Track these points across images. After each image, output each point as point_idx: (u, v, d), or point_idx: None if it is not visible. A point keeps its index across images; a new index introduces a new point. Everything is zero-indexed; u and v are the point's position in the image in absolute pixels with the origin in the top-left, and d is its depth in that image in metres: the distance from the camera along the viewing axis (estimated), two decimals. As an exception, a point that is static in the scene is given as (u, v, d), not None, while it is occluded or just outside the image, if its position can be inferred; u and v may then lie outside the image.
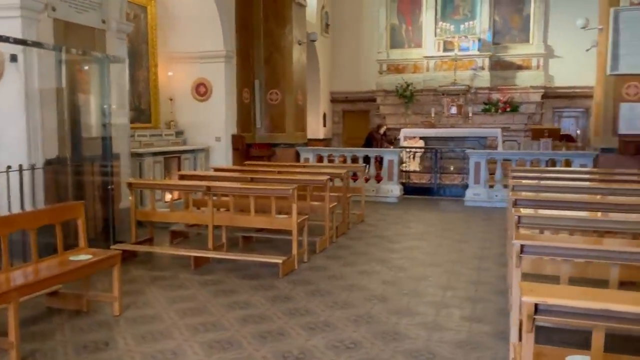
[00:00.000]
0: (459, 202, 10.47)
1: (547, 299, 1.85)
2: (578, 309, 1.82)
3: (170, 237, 6.91)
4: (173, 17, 10.12)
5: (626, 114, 9.25)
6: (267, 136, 11.63)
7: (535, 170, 8.23)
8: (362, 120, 16.75)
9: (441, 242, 7.03)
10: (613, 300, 1.82)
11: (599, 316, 1.82)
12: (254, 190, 5.72)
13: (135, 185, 6.26)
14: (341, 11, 16.37)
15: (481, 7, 15.02)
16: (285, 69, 11.39)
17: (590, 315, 1.83)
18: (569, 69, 14.40)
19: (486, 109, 14.62)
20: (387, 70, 16.08)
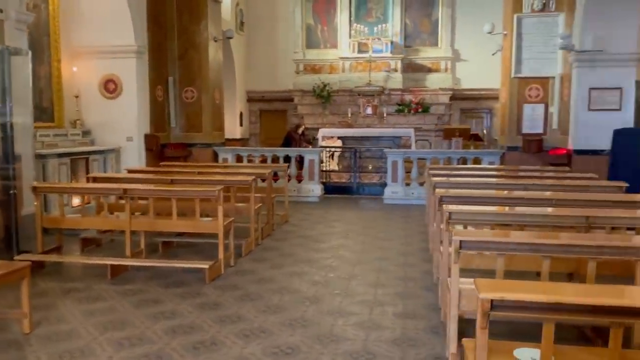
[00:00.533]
0: (378, 201, 10.68)
1: (505, 294, 1.87)
2: (534, 304, 1.86)
3: (81, 245, 6.40)
4: (78, 8, 9.42)
5: (529, 115, 9.91)
6: (182, 136, 11.19)
7: (450, 168, 8.58)
8: (280, 120, 16.65)
9: (365, 240, 7.10)
10: (565, 293, 1.88)
11: (553, 309, 1.86)
12: (176, 193, 5.42)
13: (40, 190, 5.72)
14: (256, 9, 16.16)
15: (393, 11, 15.46)
16: (201, 66, 11.02)
17: (545, 309, 1.87)
18: (474, 72, 15.20)
19: (399, 110, 15.07)
20: (304, 70, 16.10)
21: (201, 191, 5.37)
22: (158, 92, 10.64)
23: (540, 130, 9.87)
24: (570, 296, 1.86)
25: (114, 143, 9.67)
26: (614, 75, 8.47)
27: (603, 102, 8.53)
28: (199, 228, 5.48)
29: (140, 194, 5.56)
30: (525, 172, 7.33)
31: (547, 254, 2.86)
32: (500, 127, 10.71)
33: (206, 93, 11.07)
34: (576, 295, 1.88)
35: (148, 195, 5.47)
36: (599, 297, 1.84)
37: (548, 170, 7.61)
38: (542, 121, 9.87)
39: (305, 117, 15.62)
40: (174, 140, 11.11)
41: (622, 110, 8.51)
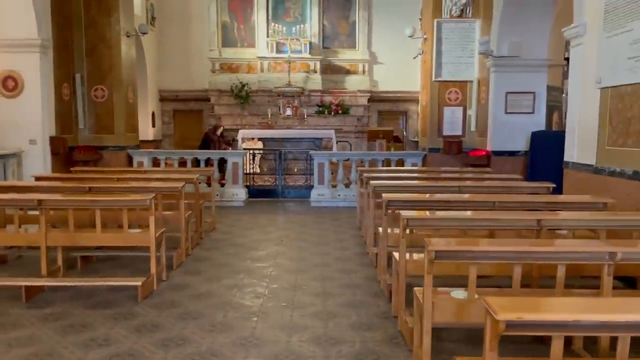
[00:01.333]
0: (304, 203, 10.53)
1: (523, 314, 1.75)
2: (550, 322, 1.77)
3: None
4: (-32, -5, 8.37)
5: (449, 117, 10.23)
6: (92, 138, 10.34)
7: (382, 171, 8.62)
8: (195, 120, 15.99)
9: (302, 246, 6.90)
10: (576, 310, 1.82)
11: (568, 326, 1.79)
12: (101, 203, 4.88)
13: None
14: (168, 4, 15.39)
15: (311, 12, 15.40)
16: (112, 62, 10.23)
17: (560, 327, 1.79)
18: (391, 75, 15.56)
19: (320, 111, 15.04)
20: (221, 69, 15.57)
21: (131, 200, 4.88)
22: (64, 91, 9.74)
23: (460, 132, 10.23)
24: (586, 313, 1.80)
25: (15, 147, 8.70)
26: (528, 80, 8.94)
27: (518, 105, 8.98)
28: (128, 241, 4.99)
29: (58, 205, 4.95)
30: (453, 174, 7.52)
31: (522, 261, 2.83)
32: (421, 129, 10.99)
33: (118, 92, 10.31)
34: (591, 312, 1.82)
35: (68, 206, 4.88)
36: (615, 312, 1.81)
37: (472, 172, 7.86)
38: (461, 124, 10.24)
39: (223, 117, 15.13)
40: (83, 142, 10.23)
41: (535, 113, 9.02)
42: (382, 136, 11.01)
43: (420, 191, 5.79)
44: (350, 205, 10.23)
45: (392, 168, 9.53)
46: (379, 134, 11.01)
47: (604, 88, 5.40)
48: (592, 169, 5.59)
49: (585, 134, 5.78)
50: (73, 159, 9.75)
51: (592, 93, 5.63)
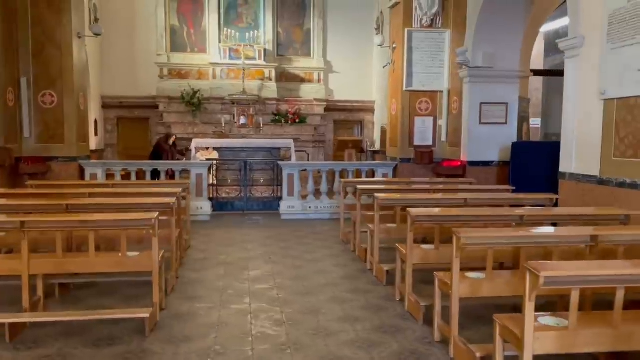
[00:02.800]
0: (274, 216, 10.09)
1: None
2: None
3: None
4: None
5: (420, 127, 10.20)
6: (39, 148, 9.34)
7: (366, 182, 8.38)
8: (141, 129, 15.06)
9: (295, 264, 6.49)
10: None
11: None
12: (98, 223, 4.26)
13: None
14: (112, 5, 14.39)
15: (265, 18, 15.01)
16: (63, 66, 9.31)
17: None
18: (346, 84, 15.47)
19: (276, 120, 14.64)
20: (169, 75, 14.79)
21: (135, 220, 4.30)
22: (9, 96, 8.74)
23: (431, 142, 10.23)
24: None
25: (-48, 158, 7.66)
26: (501, 91, 9.07)
27: (492, 116, 9.08)
28: (126, 266, 4.38)
29: (45, 227, 4.25)
30: (441, 185, 7.41)
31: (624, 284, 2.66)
32: (389, 139, 10.89)
33: (70, 97, 9.40)
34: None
35: (57, 227, 4.21)
36: None
37: (458, 183, 7.80)
38: (432, 134, 10.23)
39: (173, 126, 14.36)
40: (29, 153, 9.23)
41: (508, 124, 9.16)
42: (352, 146, 10.80)
43: (429, 204, 5.59)
44: (322, 218, 9.93)
45: (378, 179, 9.27)
46: (348, 144, 10.80)
47: (609, 99, 5.47)
48: (596, 180, 5.63)
49: (586, 145, 5.83)
50: (19, 172, 8.75)
51: (593, 104, 5.69)
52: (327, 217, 9.99)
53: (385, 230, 5.89)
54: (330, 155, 15.41)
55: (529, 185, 7.17)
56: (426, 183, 7.82)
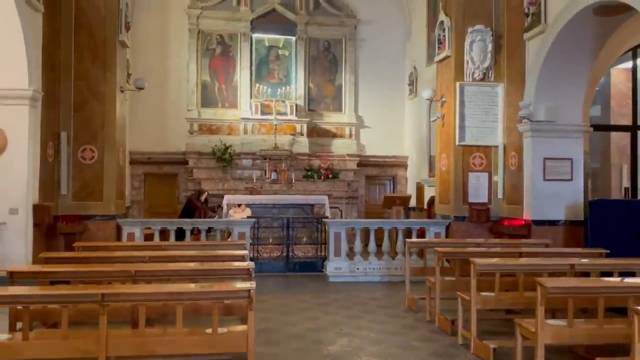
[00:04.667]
0: (319, 278, 9.46)
1: None
2: None
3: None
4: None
5: (474, 184, 9.70)
6: (75, 205, 8.85)
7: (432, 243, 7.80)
8: (169, 185, 14.59)
9: (372, 336, 5.82)
10: None
11: None
12: (187, 295, 3.66)
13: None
14: (144, 60, 14.25)
15: (296, 74, 14.86)
16: (105, 120, 8.97)
17: None
18: (377, 139, 15.11)
19: (308, 175, 14.19)
20: (199, 130, 14.47)
21: (232, 292, 3.70)
22: (48, 151, 8.33)
23: (486, 199, 9.70)
24: None
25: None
26: (565, 146, 8.64)
27: (557, 172, 8.61)
28: (219, 345, 3.74)
29: (128, 300, 3.65)
30: (523, 248, 6.79)
31: None
32: (439, 196, 10.36)
33: (110, 153, 9.00)
34: None
35: (143, 300, 3.61)
36: None
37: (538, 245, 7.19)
38: (487, 190, 9.72)
39: (203, 182, 13.89)
40: (65, 211, 8.74)
41: (573, 180, 8.67)
42: (399, 202, 10.27)
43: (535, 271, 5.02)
44: (371, 280, 9.28)
45: (453, 240, 8.54)
46: (395, 201, 10.27)
47: None
48: None
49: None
50: (57, 232, 8.21)
51: None
52: (377, 280, 9.34)
53: (483, 300, 5.25)
54: (362, 212, 14.88)
55: (612, 246, 6.57)
56: (507, 245, 7.22)
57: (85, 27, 8.74)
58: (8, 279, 4.66)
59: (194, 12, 14.30)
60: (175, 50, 14.41)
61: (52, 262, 5.40)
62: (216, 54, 14.64)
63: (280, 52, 14.98)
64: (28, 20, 7.42)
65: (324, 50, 15.06)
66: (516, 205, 9.08)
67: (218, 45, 14.66)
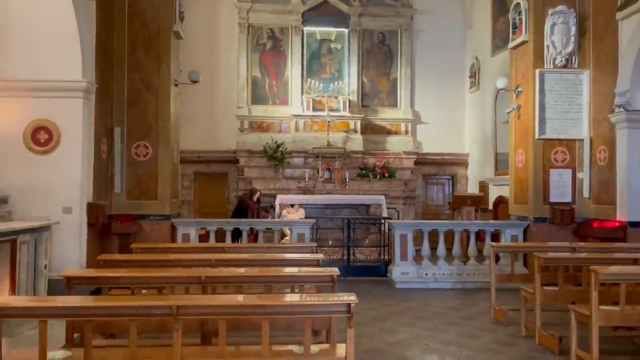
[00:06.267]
0: (384, 284, 8.77)
1: None
2: None
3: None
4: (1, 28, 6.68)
5: (556, 182, 8.79)
6: (129, 204, 8.44)
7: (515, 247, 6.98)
8: (219, 185, 14.16)
9: (462, 353, 5.07)
10: None
11: None
12: (277, 309, 3.03)
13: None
14: (193, 55, 13.82)
15: (349, 68, 14.18)
16: (159, 114, 8.54)
17: None
18: (435, 136, 14.28)
19: (363, 174, 13.48)
20: (250, 128, 13.98)
21: (328, 304, 3.06)
22: (102, 147, 7.92)
23: (569, 198, 8.77)
24: None
25: (43, 216, 6.74)
26: (666, 138, 7.65)
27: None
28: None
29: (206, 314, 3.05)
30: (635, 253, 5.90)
31: None
32: (514, 195, 9.47)
33: (165, 149, 8.56)
34: None
35: (223, 314, 3.00)
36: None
37: None
38: (570, 188, 8.79)
39: (254, 181, 13.37)
40: (119, 210, 8.33)
41: (677, 176, 7.66)
42: (470, 203, 9.44)
43: None
44: (443, 287, 8.51)
45: (543, 244, 7.63)
46: (465, 200, 9.45)
47: None
48: None
49: None
50: (112, 232, 7.79)
51: None
52: (449, 287, 8.56)
53: (606, 315, 4.43)
54: (419, 214, 14.07)
55: None
56: (604, 250, 6.33)
57: (138, 16, 8.33)
58: (65, 284, 4.17)
59: (244, 6, 13.82)
60: (225, 46, 13.97)
61: (110, 265, 4.90)
62: (266, 49, 14.13)
63: (333, 46, 14.33)
64: (82, 8, 7.02)
65: (378, 42, 14.33)
66: (607, 205, 8.14)
67: (268, 40, 14.14)
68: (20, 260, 5.74)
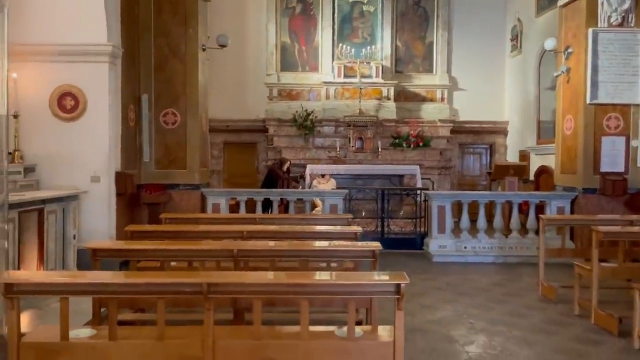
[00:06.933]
0: (421, 257, 8.42)
1: None
2: None
3: None
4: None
5: (608, 150, 8.20)
6: (158, 174, 8.22)
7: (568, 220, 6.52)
8: (248, 154, 13.89)
9: (516, 335, 4.72)
10: None
11: None
12: (318, 288, 2.71)
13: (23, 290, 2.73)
14: (220, 22, 13.40)
15: (382, 32, 13.55)
16: (187, 81, 8.22)
17: None
18: (473, 103, 13.63)
19: (396, 144, 12.99)
20: (279, 96, 13.59)
21: (375, 284, 2.72)
22: (130, 114, 7.67)
23: (622, 168, 8.18)
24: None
25: (71, 185, 6.56)
26: None
27: None
28: (355, 354, 2.79)
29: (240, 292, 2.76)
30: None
31: None
32: (560, 164, 8.91)
33: (193, 117, 8.26)
34: None
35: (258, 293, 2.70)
36: None
37: None
38: (623, 157, 8.20)
39: (283, 150, 13.04)
40: (148, 179, 8.13)
41: None
42: (513, 172, 8.93)
43: None
44: (483, 261, 8.11)
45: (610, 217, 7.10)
46: (508, 170, 8.94)
47: None
48: None
49: None
50: (141, 202, 7.61)
51: None
52: (489, 261, 8.16)
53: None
54: (455, 184, 13.57)
55: None
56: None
57: (164, -23, 7.95)
58: (90, 256, 3.95)
59: (272, -33, 13.28)
60: (254, 10, 13.49)
61: (138, 236, 4.67)
62: (296, 13, 13.60)
63: (365, 9, 13.68)
64: (105, -32, 6.67)
65: (413, 4, 13.62)
66: (663, 175, 7.55)
67: (298, 3, 13.59)
68: (48, 230, 5.58)
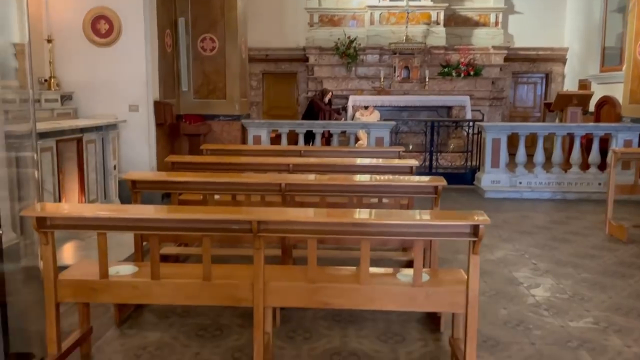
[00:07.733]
0: (472, 192, 7.99)
1: None
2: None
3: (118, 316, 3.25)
4: None
5: (688, 77, 7.36)
6: (197, 104, 7.92)
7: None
8: (287, 85, 13.40)
9: (587, 278, 4.32)
10: None
11: None
12: (381, 228, 2.37)
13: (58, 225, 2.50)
14: (258, -58, 12.61)
15: (432, -52, 12.44)
16: (225, 4, 7.69)
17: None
18: (529, 28, 12.59)
19: (444, 73, 12.22)
20: (320, 22, 12.85)
21: (449, 225, 2.36)
22: (167, 39, 7.27)
23: (703, 97, 7.37)
24: None
25: (109, 114, 6.32)
26: None
27: None
28: (421, 301, 2.47)
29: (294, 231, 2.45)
30: None
31: None
32: (630, 93, 8.12)
33: (232, 43, 7.81)
34: None
35: (313, 232, 2.38)
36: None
37: None
38: None
39: (324, 81, 12.48)
40: (187, 110, 7.84)
41: None
42: (577, 102, 8.20)
43: None
44: (539, 197, 7.62)
45: None
46: (571, 99, 8.20)
47: None
48: None
49: None
50: (179, 132, 7.35)
51: None
52: (546, 197, 7.66)
53: None
54: (507, 116, 12.81)
55: None
56: None
57: None
58: (130, 188, 3.70)
59: None
60: None
61: (180, 167, 4.41)
62: None
63: None
64: None
65: None
66: None
67: None
68: (87, 160, 5.39)
